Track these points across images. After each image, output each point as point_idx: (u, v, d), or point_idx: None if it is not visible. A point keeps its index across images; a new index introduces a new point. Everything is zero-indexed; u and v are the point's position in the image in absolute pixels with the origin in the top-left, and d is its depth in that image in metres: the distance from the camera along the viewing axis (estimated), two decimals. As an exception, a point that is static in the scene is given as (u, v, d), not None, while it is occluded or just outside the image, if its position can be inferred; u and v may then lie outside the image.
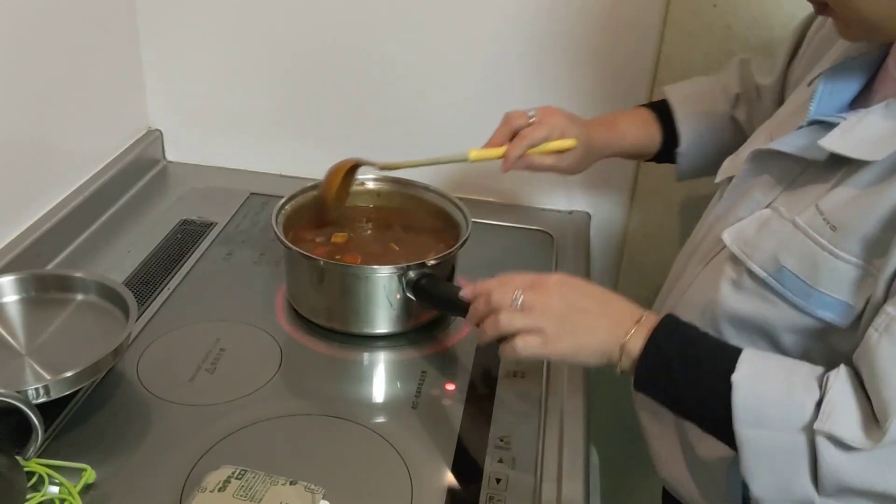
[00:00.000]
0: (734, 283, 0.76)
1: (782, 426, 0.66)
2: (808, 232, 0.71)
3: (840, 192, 0.70)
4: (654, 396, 0.75)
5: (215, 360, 0.96)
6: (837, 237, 0.69)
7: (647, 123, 1.07)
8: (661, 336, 0.74)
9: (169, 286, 1.09)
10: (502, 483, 0.82)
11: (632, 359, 0.75)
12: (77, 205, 1.19)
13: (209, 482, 0.74)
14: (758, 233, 0.75)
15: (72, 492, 0.76)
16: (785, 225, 0.73)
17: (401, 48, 1.28)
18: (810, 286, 0.70)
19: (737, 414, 0.68)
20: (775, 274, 0.73)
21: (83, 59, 1.20)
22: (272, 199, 1.26)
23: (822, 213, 0.70)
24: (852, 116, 0.71)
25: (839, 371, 0.67)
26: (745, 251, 0.75)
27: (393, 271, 0.97)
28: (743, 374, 0.68)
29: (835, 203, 0.70)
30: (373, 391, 0.97)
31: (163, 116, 1.41)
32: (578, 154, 1.01)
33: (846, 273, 0.69)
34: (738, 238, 0.76)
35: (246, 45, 1.32)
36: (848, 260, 0.68)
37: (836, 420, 0.64)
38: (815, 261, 0.70)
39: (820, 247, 0.70)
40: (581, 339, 0.77)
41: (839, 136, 0.70)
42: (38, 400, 0.80)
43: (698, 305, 0.80)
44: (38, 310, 0.95)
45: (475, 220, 1.06)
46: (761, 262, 0.74)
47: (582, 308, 0.78)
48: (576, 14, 1.20)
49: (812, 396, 0.66)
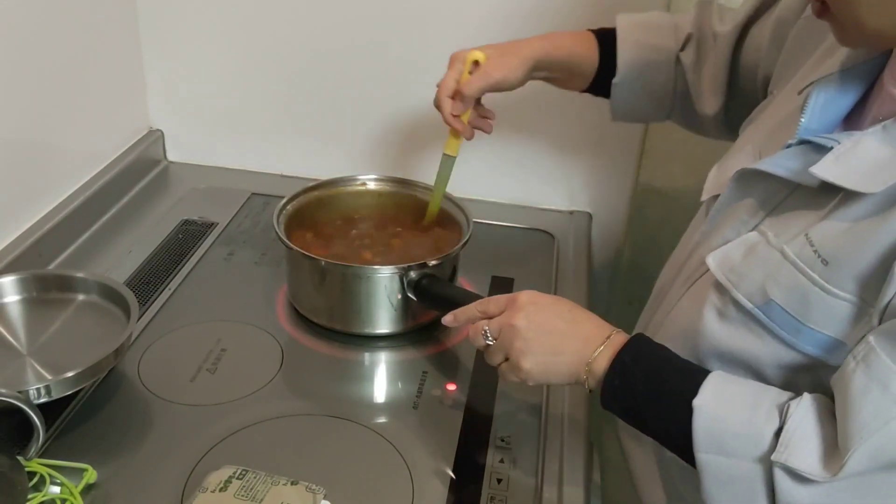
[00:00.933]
0: (719, 313, 0.73)
1: (741, 455, 0.65)
2: (797, 264, 0.67)
3: (833, 223, 0.66)
4: (619, 415, 0.75)
5: (216, 361, 0.96)
6: (829, 272, 0.65)
7: (587, 43, 1.00)
8: (626, 356, 0.73)
9: (170, 286, 1.09)
10: (503, 483, 0.82)
11: (597, 378, 0.74)
12: (78, 205, 1.19)
13: (210, 482, 0.74)
14: (744, 259, 0.71)
15: (73, 492, 0.76)
16: (773, 254, 0.69)
17: (402, 48, 1.28)
18: (800, 322, 0.67)
19: (697, 439, 0.66)
20: (763, 307, 0.69)
21: (84, 59, 1.20)
22: (273, 199, 1.27)
23: (812, 245, 0.66)
24: (846, 140, 0.66)
25: (801, 400, 0.65)
26: (731, 279, 0.71)
27: (394, 271, 0.97)
28: (705, 398, 0.67)
29: (826, 234, 0.66)
30: (374, 391, 0.97)
31: (164, 116, 1.41)
32: (497, 62, 0.95)
33: (839, 310, 0.65)
34: (724, 264, 0.73)
35: (247, 45, 1.32)
36: (841, 297, 0.64)
37: (793, 451, 0.62)
38: (806, 295, 0.66)
39: (811, 281, 0.65)
40: (547, 359, 0.77)
41: (832, 162, 0.66)
42: (39, 400, 0.80)
43: (681, 331, 0.78)
44: (39, 310, 0.96)
45: (476, 220, 1.06)
46: (748, 292, 0.70)
47: (548, 329, 0.77)
48: (578, 12, 1.20)
49: (772, 426, 0.64)
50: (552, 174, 1.34)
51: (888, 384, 0.60)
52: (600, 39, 1.01)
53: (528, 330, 0.77)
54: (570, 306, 0.80)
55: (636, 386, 0.72)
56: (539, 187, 1.35)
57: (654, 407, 0.71)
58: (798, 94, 0.76)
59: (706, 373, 0.70)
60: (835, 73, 0.72)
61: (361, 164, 1.36)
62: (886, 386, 0.60)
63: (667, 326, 0.81)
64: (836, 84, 0.72)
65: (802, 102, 0.72)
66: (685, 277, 0.80)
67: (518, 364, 0.78)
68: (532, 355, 0.77)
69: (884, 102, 0.69)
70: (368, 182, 1.15)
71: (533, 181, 1.34)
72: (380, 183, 1.15)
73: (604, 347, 0.75)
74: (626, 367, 0.73)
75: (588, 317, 0.79)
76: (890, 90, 0.68)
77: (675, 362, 0.73)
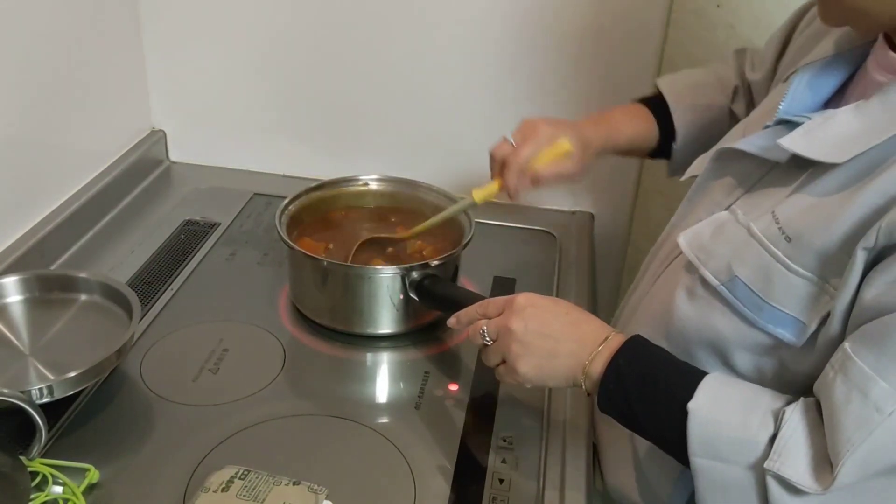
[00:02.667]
0: (688, 292, 0.73)
1: (735, 460, 0.65)
2: (762, 241, 0.67)
3: (798, 199, 0.67)
4: (616, 419, 0.74)
5: (219, 361, 0.96)
6: (792, 249, 0.65)
7: (642, 117, 1.03)
8: (621, 359, 0.73)
9: (172, 286, 1.09)
10: (505, 483, 0.82)
11: (593, 381, 0.74)
12: (81, 205, 1.19)
13: (212, 482, 0.74)
14: (713, 238, 0.72)
15: (75, 492, 0.76)
16: (740, 231, 0.70)
17: (404, 50, 1.28)
18: (762, 299, 0.67)
19: (691, 443, 0.66)
20: (727, 283, 0.69)
21: (87, 59, 1.20)
22: (275, 199, 1.27)
23: (777, 222, 0.67)
24: (818, 117, 0.67)
25: (797, 405, 0.65)
26: (700, 257, 0.72)
27: (396, 272, 0.97)
28: (700, 402, 0.67)
29: (792, 211, 0.66)
30: (376, 391, 0.97)
31: (166, 117, 1.41)
32: (577, 155, 0.97)
33: (800, 288, 0.65)
34: (693, 242, 0.73)
35: (250, 45, 1.32)
36: (802, 275, 0.65)
37: (785, 461, 0.62)
38: (769, 273, 0.67)
39: (774, 258, 0.66)
40: (543, 362, 0.77)
41: (801, 135, 0.67)
42: (41, 400, 0.80)
43: (653, 313, 0.78)
44: (41, 310, 0.96)
45: (478, 220, 1.06)
46: (715, 269, 0.71)
47: (543, 333, 0.77)
48: (579, 14, 1.20)
49: (766, 432, 0.64)
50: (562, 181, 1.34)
51: (867, 392, 0.59)
52: (653, 109, 1.03)
53: (524, 333, 0.77)
54: (568, 308, 0.79)
55: (631, 389, 0.71)
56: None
57: (650, 410, 0.71)
58: (784, 83, 0.77)
59: (702, 374, 0.69)
60: (818, 60, 0.73)
61: (363, 164, 1.36)
62: (867, 394, 0.59)
63: (642, 309, 0.81)
64: (819, 70, 0.73)
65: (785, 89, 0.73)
66: (661, 259, 0.81)
67: (514, 367, 0.78)
68: (528, 358, 0.77)
69: (866, 87, 0.69)
70: (370, 182, 1.15)
71: (535, 181, 1.34)
72: (382, 183, 1.15)
73: (601, 349, 0.74)
74: (622, 370, 0.72)
75: (586, 318, 0.79)
76: (874, 76, 0.69)
77: (670, 364, 0.72)
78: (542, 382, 0.79)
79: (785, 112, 0.72)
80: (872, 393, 0.59)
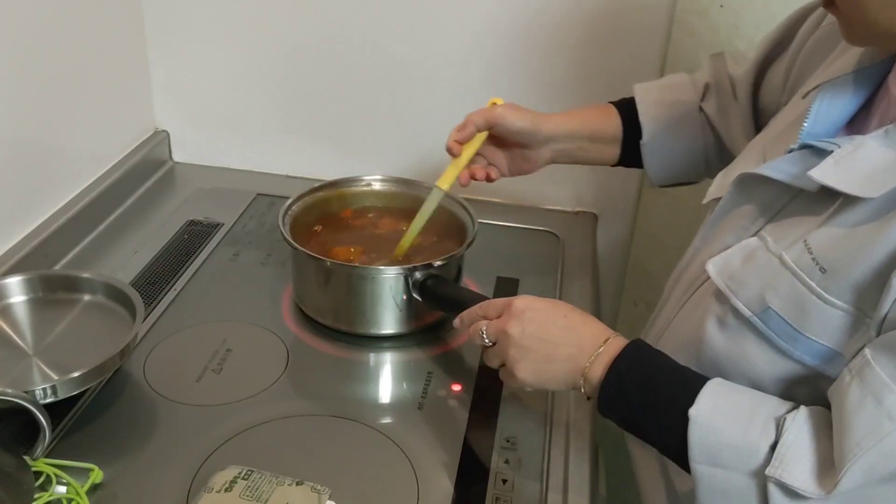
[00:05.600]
0: (720, 321, 0.72)
1: (736, 467, 0.64)
2: (796, 272, 0.66)
3: (831, 230, 0.65)
4: (617, 423, 0.74)
5: (222, 361, 0.96)
6: (827, 280, 0.64)
7: (604, 109, 1.02)
8: (621, 363, 0.72)
9: (176, 287, 1.09)
10: (508, 484, 0.82)
11: (593, 386, 0.74)
12: (84, 205, 1.19)
13: (216, 482, 0.74)
14: (743, 266, 0.71)
15: (79, 491, 0.76)
16: (772, 260, 0.68)
17: (406, 49, 1.28)
18: (797, 330, 0.66)
19: (692, 450, 0.66)
20: (760, 314, 0.68)
21: (90, 60, 1.20)
22: (279, 199, 1.27)
23: (810, 251, 0.65)
24: (847, 144, 0.65)
25: (798, 412, 0.64)
26: (731, 286, 0.70)
27: (399, 272, 0.97)
28: (701, 408, 0.66)
29: (825, 241, 0.65)
30: (379, 392, 0.97)
31: (170, 117, 1.41)
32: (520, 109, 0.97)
33: (836, 319, 0.64)
34: (724, 271, 0.72)
35: (253, 45, 1.33)
36: (839, 306, 0.63)
37: (787, 467, 0.62)
38: (803, 304, 0.65)
39: (808, 289, 0.65)
40: (541, 367, 0.76)
41: (831, 166, 0.65)
42: (45, 400, 0.81)
43: (683, 339, 0.77)
44: (45, 310, 0.96)
45: (481, 220, 1.06)
46: (746, 300, 0.69)
47: (541, 337, 0.76)
48: (582, 14, 1.20)
49: (767, 439, 0.63)
50: (557, 174, 1.33)
51: (882, 399, 0.59)
52: (620, 108, 1.02)
53: (521, 338, 0.77)
54: (566, 311, 0.79)
55: (632, 395, 0.71)
56: (544, 188, 1.35)
57: (650, 416, 0.70)
58: (803, 99, 0.75)
59: (703, 380, 0.69)
60: (839, 77, 0.71)
61: (366, 164, 1.36)
62: (881, 401, 0.59)
63: (669, 335, 0.80)
64: (840, 88, 0.71)
65: (807, 106, 0.72)
66: (686, 284, 0.80)
67: (513, 371, 0.78)
68: (526, 363, 0.77)
69: (889, 107, 0.68)
70: (373, 182, 1.15)
71: (538, 181, 1.33)
72: (385, 183, 1.15)
73: (600, 353, 0.74)
74: (622, 375, 0.72)
75: (585, 321, 0.78)
76: (894, 92, 0.68)
77: (671, 369, 0.72)
78: (542, 386, 0.78)
79: (808, 135, 0.70)
80: (887, 401, 0.59)
